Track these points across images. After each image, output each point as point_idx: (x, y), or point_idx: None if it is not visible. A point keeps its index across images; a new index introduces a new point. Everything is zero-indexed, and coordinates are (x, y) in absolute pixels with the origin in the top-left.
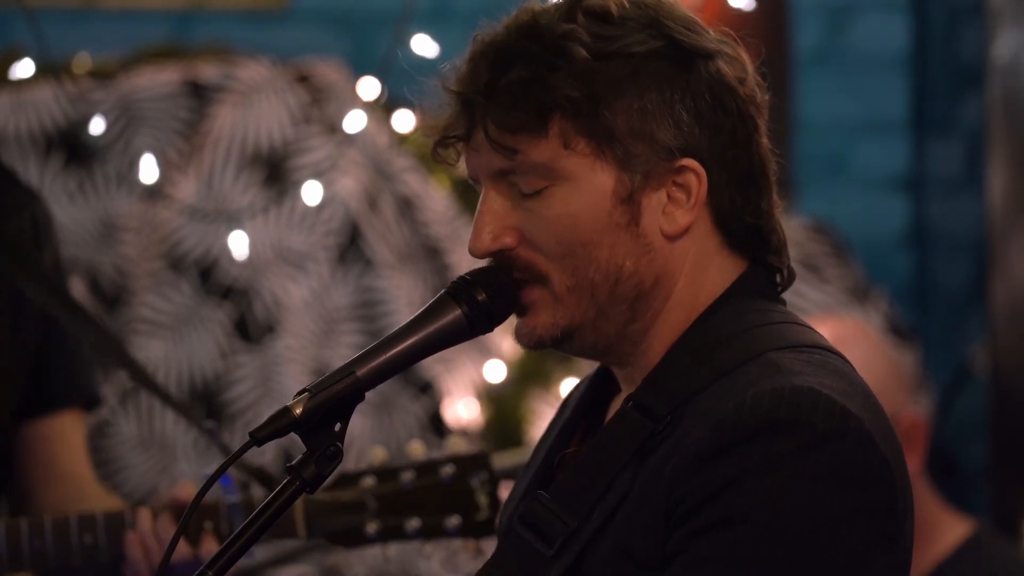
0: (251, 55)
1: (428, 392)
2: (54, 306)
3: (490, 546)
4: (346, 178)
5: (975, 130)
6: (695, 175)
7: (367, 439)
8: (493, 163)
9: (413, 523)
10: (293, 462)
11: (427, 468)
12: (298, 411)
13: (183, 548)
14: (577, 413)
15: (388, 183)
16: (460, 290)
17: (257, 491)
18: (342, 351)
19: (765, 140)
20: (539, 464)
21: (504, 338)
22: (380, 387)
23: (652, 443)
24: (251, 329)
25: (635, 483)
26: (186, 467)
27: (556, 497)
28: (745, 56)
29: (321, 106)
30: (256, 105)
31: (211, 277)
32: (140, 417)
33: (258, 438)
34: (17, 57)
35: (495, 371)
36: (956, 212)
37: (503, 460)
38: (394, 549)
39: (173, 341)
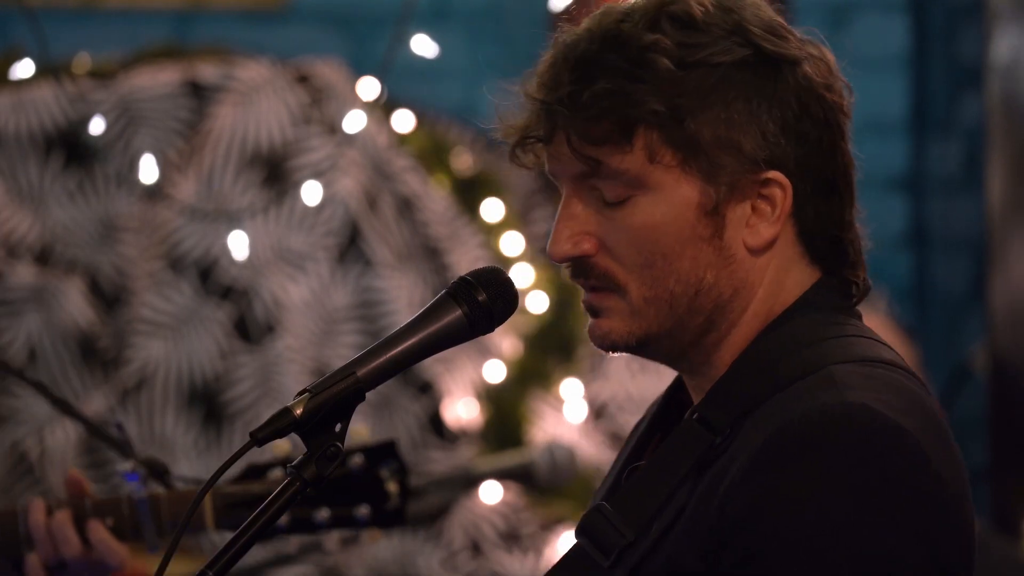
0: (251, 55)
1: (428, 392)
2: None
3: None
4: (346, 178)
5: (974, 130)
6: (780, 188)
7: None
8: (575, 170)
9: (322, 514)
10: (294, 463)
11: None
12: (299, 411)
13: (75, 545)
14: (652, 426)
15: (388, 183)
16: (461, 290)
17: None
18: (342, 351)
19: (848, 145)
20: (613, 478)
21: (504, 338)
22: (380, 387)
23: (711, 456)
24: (251, 329)
25: (692, 498)
26: (186, 467)
27: (616, 508)
28: (830, 57)
29: (321, 106)
30: (256, 105)
31: (211, 277)
32: (140, 417)
33: (258, 438)
34: (17, 57)
35: (495, 371)
36: (955, 212)
37: (503, 460)
38: (393, 548)
39: (173, 341)
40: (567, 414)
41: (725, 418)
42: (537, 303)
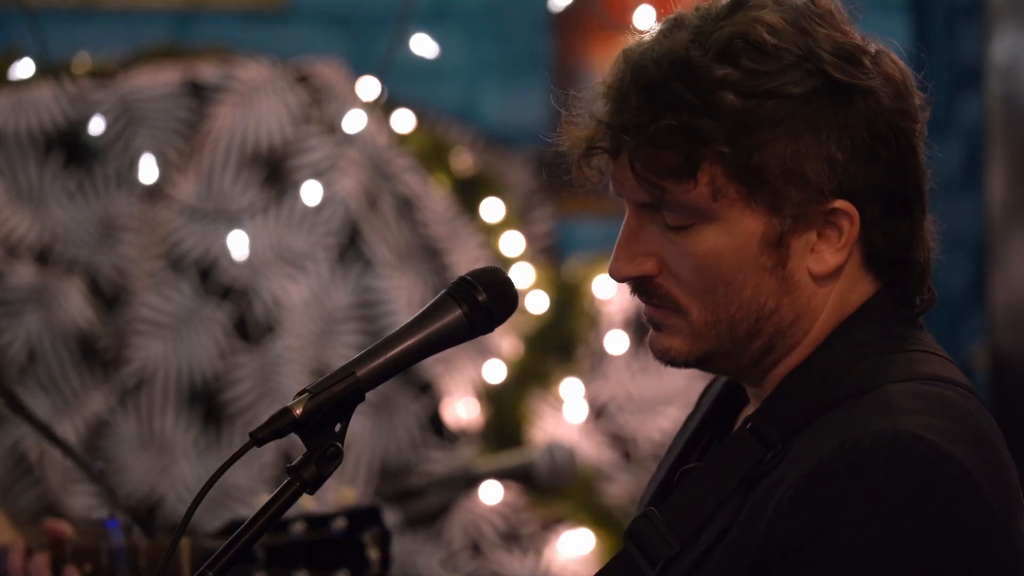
0: (251, 55)
1: (428, 392)
2: None
3: None
4: (346, 178)
5: (974, 130)
6: (847, 216)
7: (367, 439)
8: (637, 196)
9: (300, 575)
10: (293, 463)
11: (318, 521)
12: (298, 411)
13: None
14: (705, 423)
15: (388, 183)
16: (460, 290)
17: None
18: (342, 351)
19: (921, 159)
20: (663, 476)
21: (504, 338)
22: (380, 387)
23: (761, 471)
24: (251, 329)
25: (740, 514)
26: (185, 467)
27: (665, 516)
28: (906, 71)
29: (321, 106)
30: (256, 105)
31: (211, 277)
32: (140, 417)
33: (258, 438)
34: (17, 57)
35: (495, 371)
36: (955, 212)
37: (503, 460)
38: (393, 549)
39: (173, 341)
40: (567, 414)
41: (777, 432)
42: (537, 303)
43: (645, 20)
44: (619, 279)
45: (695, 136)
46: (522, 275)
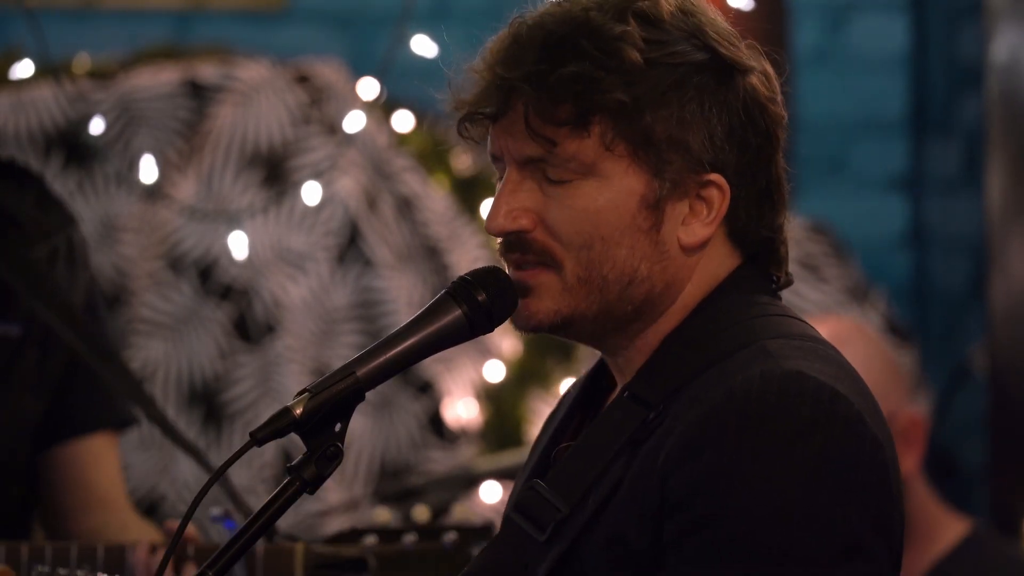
0: (251, 55)
1: (428, 392)
2: (72, 336)
3: None
4: (345, 178)
5: (974, 130)
6: (719, 190)
7: (367, 439)
8: (525, 150)
9: None
10: (293, 463)
11: (430, 533)
12: (298, 411)
13: None
14: (573, 409)
15: (387, 183)
16: (460, 290)
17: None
18: (342, 351)
19: (781, 158)
20: (536, 459)
21: (504, 338)
22: (380, 387)
23: (645, 431)
24: (251, 329)
25: (628, 471)
26: (186, 467)
27: (550, 484)
28: (771, 71)
29: (321, 106)
30: (256, 105)
31: (211, 277)
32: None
33: (258, 438)
34: (17, 57)
35: (495, 371)
36: (955, 212)
37: (503, 460)
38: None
39: (173, 341)
40: None
41: (658, 393)
42: None
43: None
44: (497, 233)
45: (595, 85)
46: None
